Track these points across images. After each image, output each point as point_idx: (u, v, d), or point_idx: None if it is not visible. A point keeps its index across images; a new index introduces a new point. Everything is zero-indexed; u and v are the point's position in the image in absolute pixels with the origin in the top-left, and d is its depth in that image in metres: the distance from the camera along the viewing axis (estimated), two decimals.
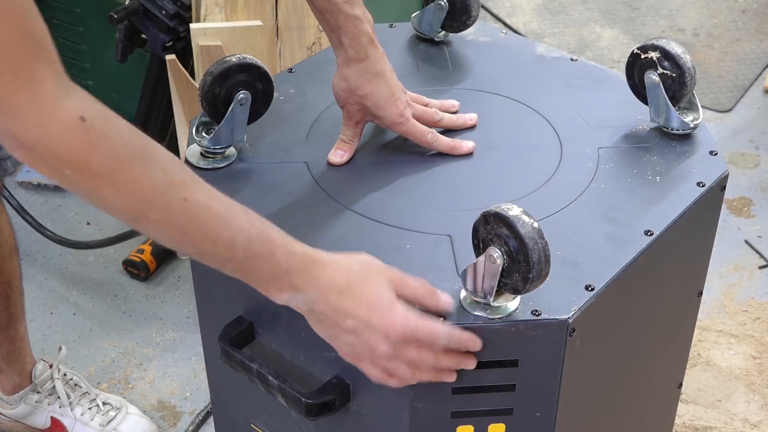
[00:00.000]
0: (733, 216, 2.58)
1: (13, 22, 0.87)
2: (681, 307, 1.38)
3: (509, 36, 1.58)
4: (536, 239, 1.00)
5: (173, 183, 0.96)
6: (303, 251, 1.02)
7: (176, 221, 0.97)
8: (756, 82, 3.12)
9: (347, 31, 1.26)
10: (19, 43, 0.87)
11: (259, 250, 1.00)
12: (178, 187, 0.96)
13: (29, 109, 0.88)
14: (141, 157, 0.94)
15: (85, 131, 0.90)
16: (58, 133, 0.90)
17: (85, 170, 0.92)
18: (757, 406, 2.06)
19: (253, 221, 1.00)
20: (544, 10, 3.51)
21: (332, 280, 1.02)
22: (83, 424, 1.94)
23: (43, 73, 0.88)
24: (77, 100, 0.91)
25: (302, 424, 1.24)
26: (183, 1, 2.16)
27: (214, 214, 0.98)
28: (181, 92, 2.05)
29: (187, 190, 0.97)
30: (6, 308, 1.83)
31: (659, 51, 1.29)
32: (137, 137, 0.95)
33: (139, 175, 0.93)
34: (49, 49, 0.90)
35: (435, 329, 1.02)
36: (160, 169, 0.95)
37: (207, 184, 1.00)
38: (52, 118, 0.89)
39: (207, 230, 0.98)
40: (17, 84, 0.87)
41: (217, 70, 1.25)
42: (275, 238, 1.01)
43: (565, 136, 1.33)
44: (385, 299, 1.01)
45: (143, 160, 0.94)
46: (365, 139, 1.33)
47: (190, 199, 0.96)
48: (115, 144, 0.92)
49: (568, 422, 1.15)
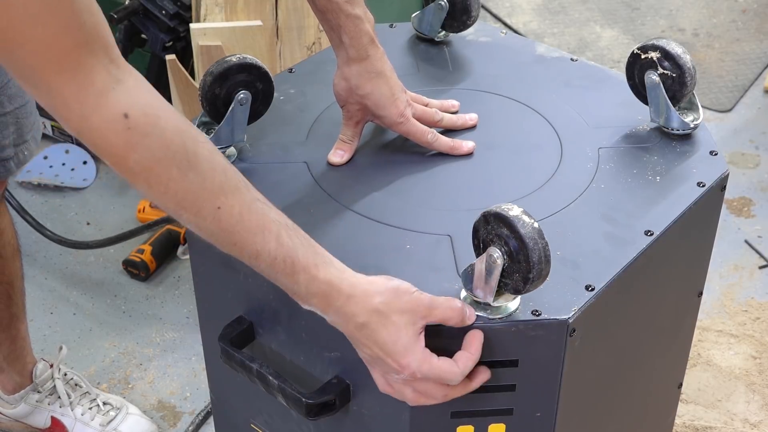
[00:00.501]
0: (733, 216, 2.58)
1: (65, 12, 0.86)
2: (681, 307, 1.38)
3: (509, 36, 1.58)
4: (536, 239, 1.00)
5: (209, 190, 0.95)
6: (327, 279, 1.00)
7: (206, 226, 0.97)
8: (756, 82, 3.12)
9: (348, 30, 1.26)
10: (69, 34, 0.87)
11: (282, 269, 1.00)
12: (214, 195, 0.96)
13: (75, 100, 0.89)
14: (180, 160, 0.93)
15: (125, 129, 0.90)
16: (99, 127, 0.90)
17: (122, 165, 0.92)
18: (757, 406, 2.06)
19: (282, 239, 0.99)
20: (544, 10, 3.51)
21: (352, 314, 1.00)
22: (83, 424, 1.94)
23: (92, 64, 0.88)
24: (125, 95, 0.90)
25: (302, 424, 1.24)
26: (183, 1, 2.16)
27: (245, 227, 0.98)
28: (181, 92, 2.05)
29: (222, 198, 0.96)
30: (8, 308, 1.83)
31: (659, 51, 1.29)
32: (181, 138, 0.94)
33: (174, 178, 0.93)
34: (102, 39, 0.89)
35: (447, 374, 1.01)
36: (199, 174, 0.95)
37: (251, 191, 0.99)
38: (95, 111, 0.89)
39: (234, 240, 0.98)
40: (65, 74, 0.88)
41: (218, 70, 1.25)
42: (300, 260, 1.00)
43: (565, 136, 1.33)
44: (401, 344, 1.00)
45: (182, 164, 0.93)
46: (365, 139, 1.33)
47: (223, 208, 0.96)
48: (155, 145, 0.92)
49: (568, 422, 1.15)
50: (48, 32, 0.86)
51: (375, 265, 1.10)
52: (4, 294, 1.81)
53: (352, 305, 1.00)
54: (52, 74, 0.88)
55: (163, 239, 2.39)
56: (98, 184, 2.63)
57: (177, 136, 0.94)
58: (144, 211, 2.49)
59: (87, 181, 2.63)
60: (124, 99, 0.90)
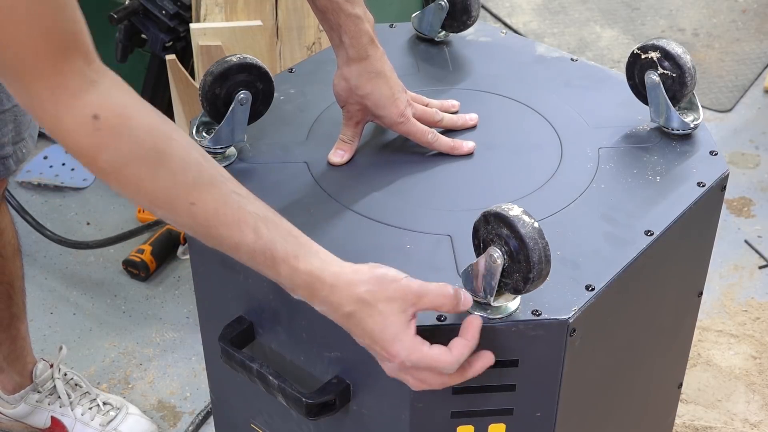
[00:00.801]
0: (733, 216, 2.58)
1: (48, 18, 0.89)
2: (681, 307, 1.38)
3: (509, 36, 1.58)
4: (537, 239, 1.00)
5: (181, 187, 0.97)
6: (308, 269, 1.00)
7: (182, 222, 0.99)
8: (756, 82, 3.12)
9: (348, 30, 1.26)
10: (51, 39, 0.90)
11: (263, 262, 1.00)
12: (186, 191, 0.97)
13: (49, 101, 0.91)
14: (151, 159, 0.95)
15: (95, 130, 0.92)
16: (70, 128, 0.92)
17: (93, 166, 0.95)
18: (757, 406, 2.06)
19: (261, 231, 0.99)
20: (544, 10, 3.51)
21: (338, 304, 1.00)
22: (83, 424, 1.94)
23: (67, 67, 0.91)
24: (97, 96, 0.93)
25: (302, 424, 1.24)
26: (183, 1, 2.16)
27: (221, 221, 0.98)
28: (181, 92, 2.05)
29: (196, 194, 0.97)
30: (8, 308, 1.83)
31: (659, 51, 1.29)
32: (152, 137, 0.95)
33: (145, 177, 0.95)
34: (82, 45, 0.92)
35: (439, 362, 1.00)
36: (170, 172, 0.96)
37: (228, 184, 1.00)
38: (66, 112, 0.92)
39: (212, 234, 0.99)
40: (43, 76, 0.91)
41: (218, 70, 1.25)
42: (279, 252, 1.00)
43: (565, 136, 1.33)
44: (389, 332, 0.99)
45: (152, 163, 0.95)
46: (365, 139, 1.33)
47: (197, 204, 0.97)
48: (124, 146, 0.94)
49: (568, 422, 1.15)
50: (31, 36, 0.89)
51: None
52: (4, 294, 1.81)
53: (337, 295, 1.00)
54: (30, 76, 0.91)
55: (163, 239, 2.39)
56: (98, 184, 2.63)
57: (148, 135, 0.95)
58: (144, 211, 2.49)
59: (87, 181, 2.63)
60: (96, 101, 0.92)
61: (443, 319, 1.05)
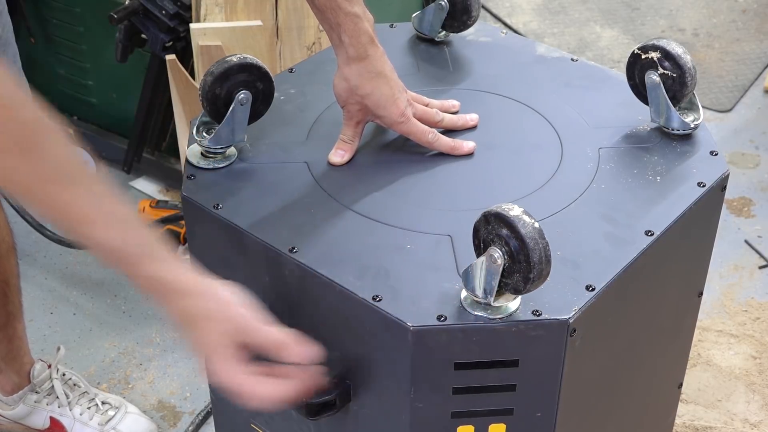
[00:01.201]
0: (733, 216, 2.58)
1: None
2: (681, 307, 1.38)
3: (509, 36, 1.58)
4: (537, 239, 1.00)
5: (42, 179, 1.01)
6: (147, 274, 1.07)
7: (42, 212, 1.05)
8: (756, 82, 3.12)
9: (347, 29, 1.26)
10: None
11: (108, 259, 1.07)
12: (47, 184, 1.01)
13: None
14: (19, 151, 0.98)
15: None
16: None
17: None
18: (757, 406, 2.06)
19: (110, 232, 1.04)
20: (544, 10, 3.51)
21: (168, 312, 1.08)
22: (82, 424, 1.94)
23: None
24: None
25: (302, 424, 1.24)
26: (183, 1, 2.16)
27: (73, 217, 1.03)
28: (181, 92, 2.05)
29: (50, 187, 1.02)
30: (4, 307, 1.83)
31: (660, 51, 1.29)
32: (22, 130, 0.99)
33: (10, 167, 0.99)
34: None
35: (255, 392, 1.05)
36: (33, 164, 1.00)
37: (88, 183, 1.04)
38: None
39: (65, 227, 1.05)
40: None
41: (218, 70, 1.25)
42: (124, 253, 1.06)
43: (565, 136, 1.33)
44: (210, 349, 1.06)
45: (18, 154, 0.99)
46: (365, 139, 1.33)
47: (53, 197, 1.02)
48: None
49: (568, 422, 1.15)
50: None
51: (375, 265, 1.10)
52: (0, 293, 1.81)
53: (166, 303, 1.07)
54: None
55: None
56: None
57: (22, 127, 0.99)
58: (144, 211, 2.49)
59: None
60: None
61: (443, 318, 1.04)
